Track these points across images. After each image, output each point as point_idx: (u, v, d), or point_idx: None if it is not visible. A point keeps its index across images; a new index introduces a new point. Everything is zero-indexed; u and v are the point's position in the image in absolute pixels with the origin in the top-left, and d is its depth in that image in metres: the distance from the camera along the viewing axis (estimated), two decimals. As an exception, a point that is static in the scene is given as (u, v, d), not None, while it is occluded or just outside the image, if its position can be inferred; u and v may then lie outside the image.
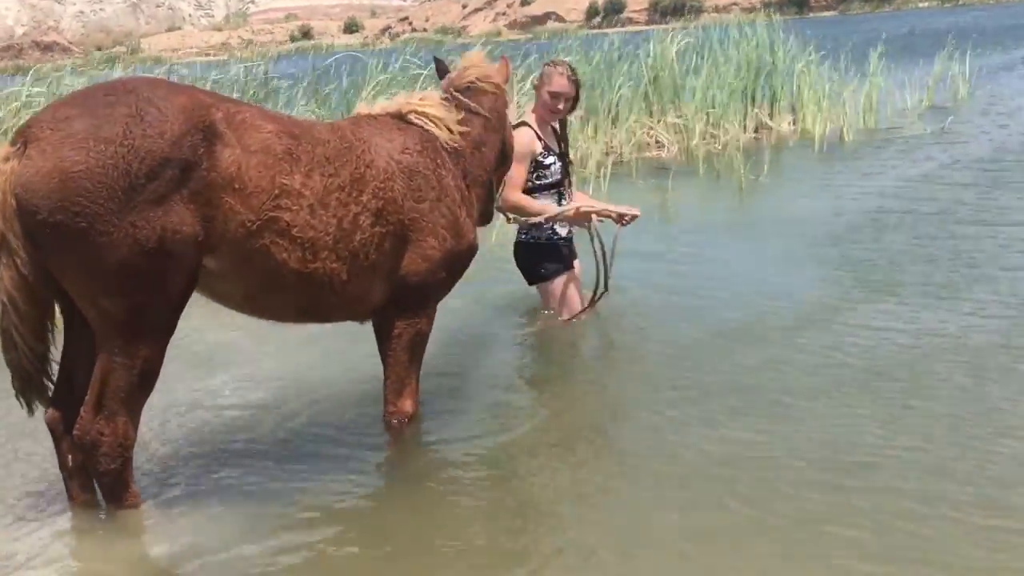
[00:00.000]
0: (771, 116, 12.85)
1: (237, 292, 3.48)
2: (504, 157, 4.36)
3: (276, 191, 3.27)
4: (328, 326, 4.24)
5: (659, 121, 11.94)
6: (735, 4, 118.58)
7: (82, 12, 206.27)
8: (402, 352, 3.85)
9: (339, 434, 4.02)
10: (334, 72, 11.43)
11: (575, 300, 5.37)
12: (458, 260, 3.92)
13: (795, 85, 13.10)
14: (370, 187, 3.55)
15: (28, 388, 3.27)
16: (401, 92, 4.78)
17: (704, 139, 11.78)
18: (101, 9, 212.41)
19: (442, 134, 3.90)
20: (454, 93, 4.11)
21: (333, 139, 3.56)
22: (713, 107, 12.01)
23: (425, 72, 9.63)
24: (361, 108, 4.10)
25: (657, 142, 11.77)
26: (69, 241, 2.94)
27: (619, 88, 11.57)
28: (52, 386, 3.33)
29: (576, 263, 5.49)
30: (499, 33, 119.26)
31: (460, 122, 3.99)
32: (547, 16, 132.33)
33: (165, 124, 3.01)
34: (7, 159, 2.96)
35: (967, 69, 15.55)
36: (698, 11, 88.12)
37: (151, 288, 3.07)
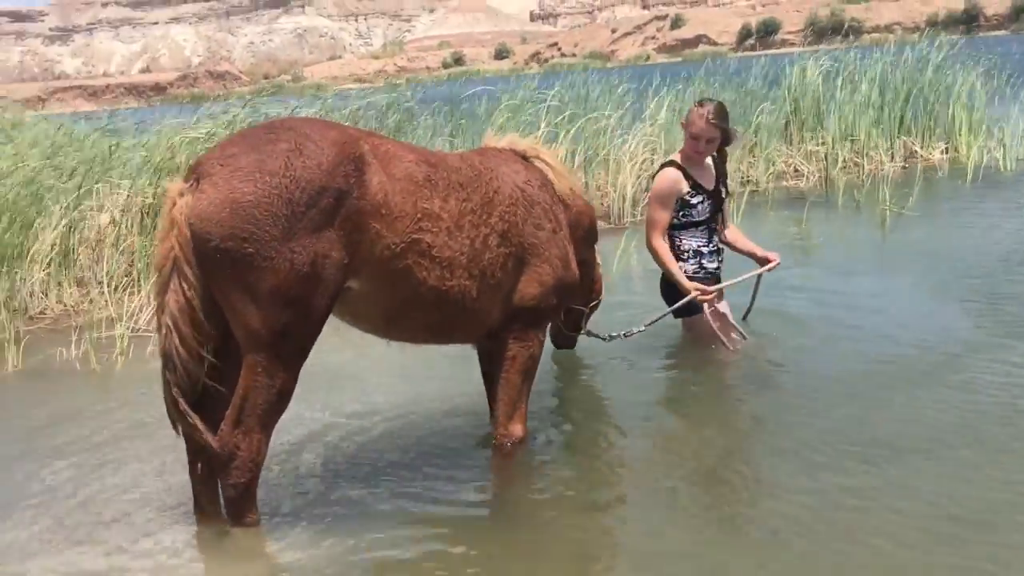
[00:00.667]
0: (922, 144, 12.19)
1: (377, 312, 3.67)
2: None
3: (418, 215, 3.54)
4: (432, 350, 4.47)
5: (799, 149, 11.55)
6: (898, 24, 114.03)
7: (252, 43, 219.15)
8: (516, 375, 4.02)
9: (449, 454, 4.10)
10: (471, 101, 11.63)
11: (728, 329, 5.29)
12: (567, 288, 4.17)
13: (950, 111, 12.41)
14: (497, 211, 3.83)
15: (178, 407, 3.37)
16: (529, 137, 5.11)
17: (847, 168, 11.31)
18: (270, 40, 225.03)
19: (559, 184, 4.23)
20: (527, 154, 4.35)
21: (464, 167, 3.85)
22: (856, 134, 11.51)
23: (549, 97, 9.62)
24: (489, 140, 4.45)
25: (796, 171, 11.37)
26: (236, 265, 3.19)
27: (758, 116, 11.26)
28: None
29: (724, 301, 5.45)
30: (648, 57, 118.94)
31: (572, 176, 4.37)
32: (698, 39, 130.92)
33: (321, 156, 3.28)
34: (182, 194, 3.25)
35: None
36: (857, 32, 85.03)
37: (298, 310, 3.28)
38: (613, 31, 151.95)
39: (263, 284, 3.19)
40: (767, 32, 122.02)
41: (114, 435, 4.55)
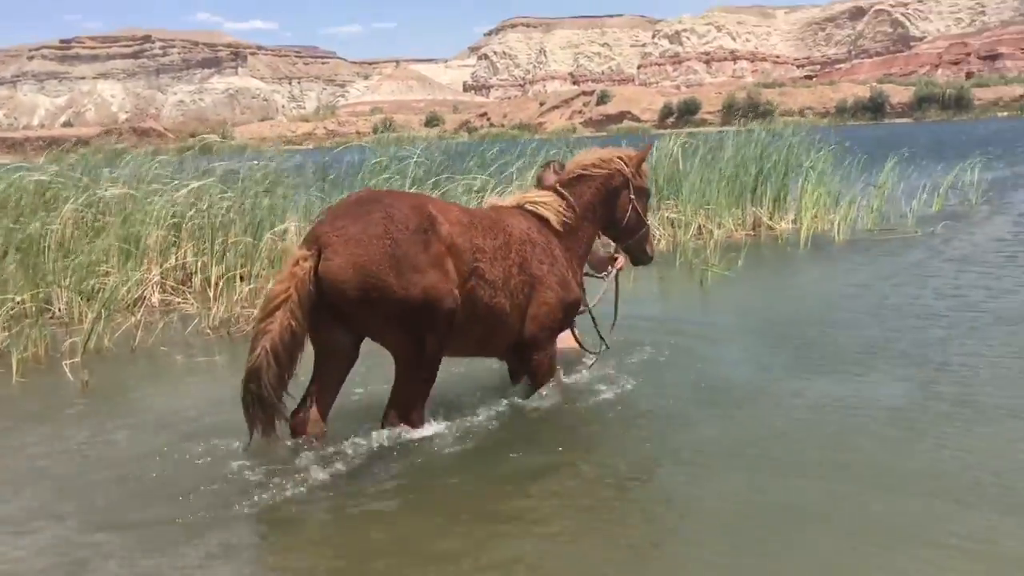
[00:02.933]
0: (770, 214, 13.32)
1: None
2: (636, 217, 5.81)
3: (473, 249, 4.82)
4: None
5: (656, 215, 12.53)
6: (809, 109, 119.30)
7: (182, 101, 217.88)
8: (543, 376, 5.40)
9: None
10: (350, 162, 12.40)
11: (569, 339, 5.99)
12: (569, 307, 5.45)
13: (800, 186, 13.60)
14: (514, 248, 5.11)
15: (259, 412, 4.46)
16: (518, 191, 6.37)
17: (701, 234, 12.30)
18: (201, 99, 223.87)
19: (551, 216, 5.43)
20: (558, 188, 5.58)
21: (486, 216, 5.19)
22: (710, 204, 12.57)
23: (414, 157, 10.41)
24: (492, 200, 6.08)
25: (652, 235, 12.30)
26: (369, 306, 4.42)
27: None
28: (285, 414, 4.57)
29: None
30: (574, 130, 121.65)
31: (564, 211, 5.48)
32: (622, 115, 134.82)
33: (408, 218, 4.51)
34: (305, 259, 4.38)
35: (975, 178, 15.85)
36: (770, 114, 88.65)
37: (424, 327, 4.54)
38: (541, 104, 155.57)
39: (393, 313, 4.45)
40: (688, 111, 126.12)
41: None
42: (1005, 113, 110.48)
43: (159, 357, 7.18)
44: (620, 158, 5.75)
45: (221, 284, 8.41)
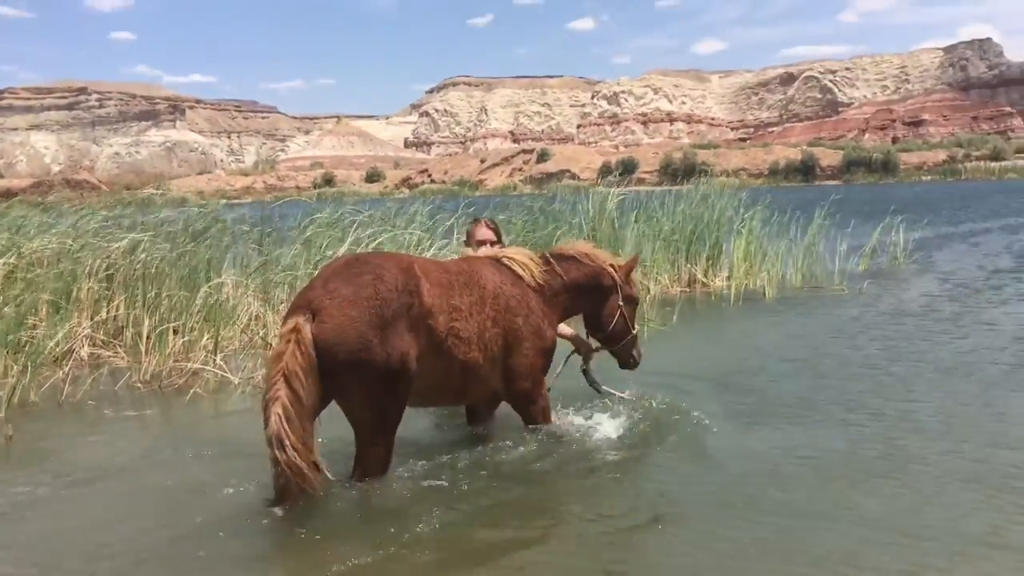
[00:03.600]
0: (704, 272, 13.61)
1: (426, 385, 4.93)
2: (623, 323, 6.13)
3: (450, 309, 4.99)
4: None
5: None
6: (743, 170, 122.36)
7: (118, 154, 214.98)
8: (538, 416, 5.69)
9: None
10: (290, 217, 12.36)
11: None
12: (545, 351, 5.65)
13: (732, 244, 13.94)
14: (488, 302, 5.28)
15: (288, 483, 4.38)
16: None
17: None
18: (137, 152, 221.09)
19: (525, 275, 5.62)
20: (550, 257, 5.86)
21: (462, 271, 5.31)
22: (646, 261, 12.80)
23: (359, 219, 10.45)
24: (467, 252, 6.17)
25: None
26: (352, 367, 4.48)
27: (556, 239, 12.41)
28: (314, 484, 4.46)
29: None
30: (515, 187, 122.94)
31: (547, 275, 5.72)
32: (562, 173, 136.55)
33: (397, 280, 4.67)
34: (302, 324, 4.43)
35: (901, 238, 16.43)
36: (706, 174, 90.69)
37: (395, 394, 4.65)
38: (482, 161, 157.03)
39: (371, 377, 4.51)
40: (626, 170, 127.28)
41: None
42: (929, 177, 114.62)
43: (87, 411, 7.02)
44: (611, 264, 6.05)
45: (153, 337, 8.27)
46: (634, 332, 6.27)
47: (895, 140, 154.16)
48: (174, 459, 5.65)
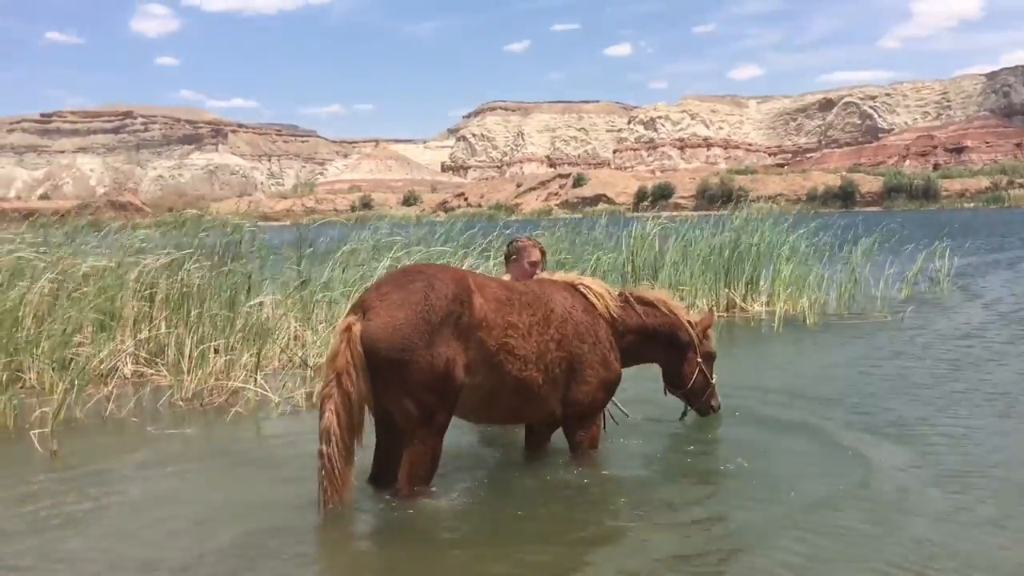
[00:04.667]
0: (743, 297, 13.50)
1: (476, 398, 4.99)
2: (703, 379, 6.27)
3: (505, 325, 5.02)
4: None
5: (632, 295, 12.65)
6: (781, 195, 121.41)
7: (161, 176, 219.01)
8: (585, 452, 5.63)
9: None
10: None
11: None
12: (609, 384, 5.65)
13: (772, 269, 13.82)
14: (554, 324, 5.30)
15: (329, 482, 4.57)
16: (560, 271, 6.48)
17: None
18: (180, 174, 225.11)
19: (599, 304, 5.64)
20: (630, 296, 5.94)
21: (528, 291, 5.36)
22: (684, 286, 12.73)
23: (400, 240, 10.55)
24: (544, 275, 6.11)
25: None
26: (396, 367, 4.60)
27: (595, 263, 12.41)
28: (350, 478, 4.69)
29: None
30: (550, 211, 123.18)
31: (621, 311, 5.75)
32: (598, 198, 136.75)
33: (447, 289, 4.76)
34: (354, 323, 4.61)
35: (947, 264, 16.18)
36: (743, 199, 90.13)
37: (439, 396, 4.69)
38: (518, 185, 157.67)
39: (415, 379, 4.60)
40: (662, 195, 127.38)
41: None
42: (972, 204, 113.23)
43: (130, 428, 7.09)
44: (689, 322, 6.14)
45: (195, 356, 8.36)
46: (712, 384, 6.36)
47: (936, 167, 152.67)
48: (216, 478, 5.69)
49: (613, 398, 6.06)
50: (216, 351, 8.44)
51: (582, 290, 5.69)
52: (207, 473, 5.82)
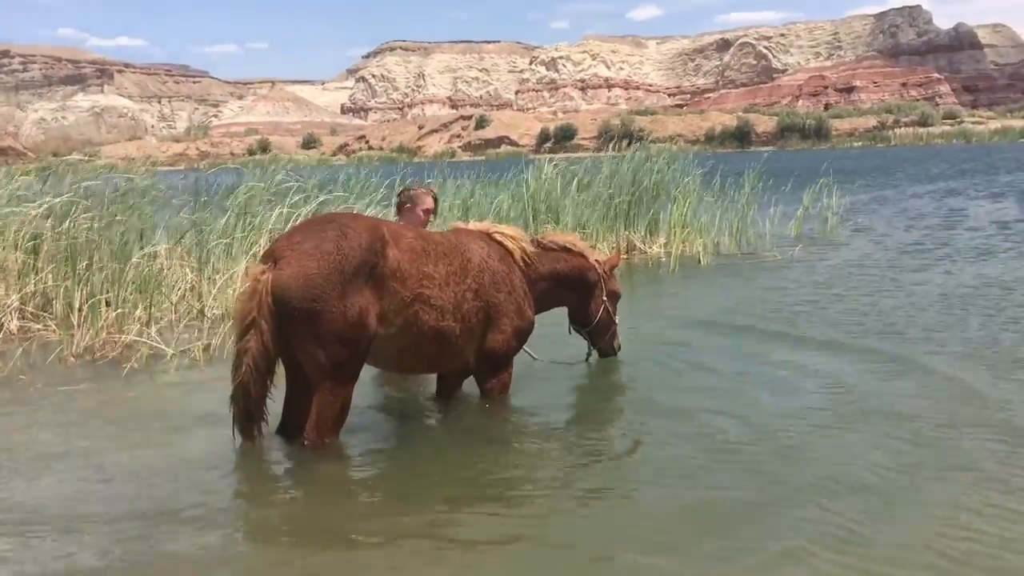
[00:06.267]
0: (644, 239, 13.74)
1: (394, 348, 5.04)
2: (607, 317, 6.46)
3: (420, 276, 5.02)
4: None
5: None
6: (680, 136, 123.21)
7: (43, 119, 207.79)
8: (498, 395, 5.77)
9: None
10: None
11: None
12: (523, 332, 5.81)
13: (670, 211, 14.07)
14: (470, 274, 5.35)
15: (248, 423, 4.77)
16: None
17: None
18: (64, 117, 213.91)
19: (516, 253, 5.75)
20: (541, 241, 6.11)
21: (445, 241, 5.36)
22: (586, 228, 12.88)
23: (295, 185, 10.32)
24: (458, 224, 6.12)
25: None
26: (307, 318, 4.56)
27: (495, 205, 12.43)
28: (265, 422, 4.86)
29: None
30: (453, 154, 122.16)
31: (533, 255, 5.87)
32: (500, 140, 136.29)
33: (361, 238, 4.71)
34: (264, 272, 4.58)
35: (833, 202, 16.79)
36: (643, 140, 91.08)
37: (350, 348, 4.67)
38: (420, 127, 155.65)
39: (327, 330, 4.57)
40: (564, 137, 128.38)
41: None
42: (860, 143, 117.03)
43: (18, 386, 6.84)
44: (597, 261, 6.33)
45: (85, 309, 8.08)
46: (615, 324, 6.55)
47: (827, 106, 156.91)
48: (112, 434, 5.56)
49: None
50: (108, 304, 8.18)
51: (498, 238, 5.75)
52: (103, 429, 5.68)
